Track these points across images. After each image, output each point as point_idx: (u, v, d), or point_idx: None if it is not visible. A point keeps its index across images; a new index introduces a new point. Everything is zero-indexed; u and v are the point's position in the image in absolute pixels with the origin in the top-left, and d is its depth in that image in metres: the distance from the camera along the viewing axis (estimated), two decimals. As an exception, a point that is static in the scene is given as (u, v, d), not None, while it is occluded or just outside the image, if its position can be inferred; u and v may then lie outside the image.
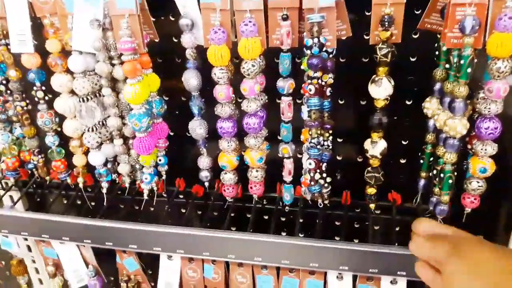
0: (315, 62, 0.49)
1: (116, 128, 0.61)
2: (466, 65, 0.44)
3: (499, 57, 0.44)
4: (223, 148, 0.57)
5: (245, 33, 0.49)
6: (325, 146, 0.57)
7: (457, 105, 0.47)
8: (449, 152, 0.50)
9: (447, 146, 0.49)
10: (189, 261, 0.68)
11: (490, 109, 0.47)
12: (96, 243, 0.68)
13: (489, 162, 0.50)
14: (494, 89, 0.45)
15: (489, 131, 0.47)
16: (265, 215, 0.81)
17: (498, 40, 0.43)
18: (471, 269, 0.37)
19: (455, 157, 0.50)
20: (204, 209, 0.80)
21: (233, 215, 0.82)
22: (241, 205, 0.73)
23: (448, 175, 0.51)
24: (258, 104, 0.53)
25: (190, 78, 0.55)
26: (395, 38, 0.46)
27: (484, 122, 0.47)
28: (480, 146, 0.49)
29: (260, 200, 0.73)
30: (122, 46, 0.53)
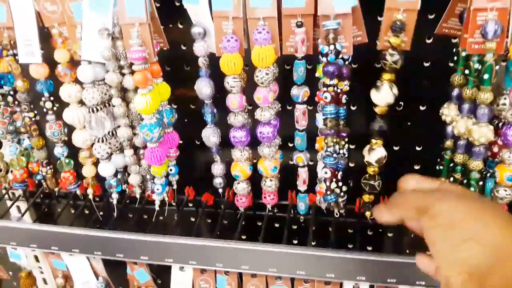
0: (332, 70, 0.48)
1: (127, 138, 0.60)
2: (488, 71, 0.43)
3: (522, 63, 0.43)
4: (236, 158, 0.56)
5: (259, 41, 0.48)
6: (340, 154, 0.56)
7: (482, 112, 0.46)
8: (477, 159, 0.48)
9: (473, 153, 0.48)
10: (201, 272, 0.66)
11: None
12: (106, 255, 0.67)
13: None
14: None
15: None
16: (276, 223, 0.79)
17: (520, 45, 0.42)
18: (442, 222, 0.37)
19: (481, 165, 0.49)
20: (215, 218, 0.79)
21: (243, 223, 0.82)
22: (252, 214, 0.72)
23: (474, 183, 0.50)
24: (272, 112, 0.52)
25: (203, 86, 0.54)
26: (405, 46, 0.45)
27: (510, 129, 0.46)
28: (507, 153, 0.48)
29: (272, 208, 0.72)
30: (132, 56, 0.52)
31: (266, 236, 0.79)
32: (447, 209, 0.37)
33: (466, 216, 0.36)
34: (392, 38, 0.46)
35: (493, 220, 0.36)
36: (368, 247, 0.79)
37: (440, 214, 0.37)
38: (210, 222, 0.84)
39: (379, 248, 0.67)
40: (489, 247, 0.34)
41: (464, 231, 0.35)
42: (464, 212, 0.36)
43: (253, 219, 0.75)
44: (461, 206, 0.37)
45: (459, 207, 0.37)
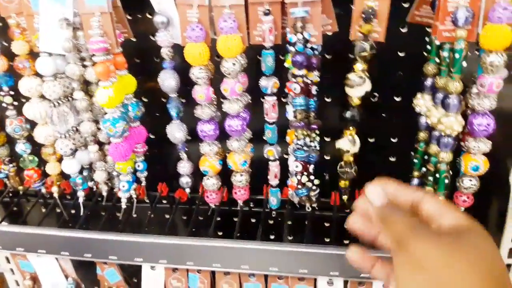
0: (300, 60, 0.46)
1: (90, 133, 0.58)
2: (459, 59, 0.42)
3: (492, 50, 0.41)
4: (205, 152, 0.54)
5: (225, 30, 0.46)
6: (312, 147, 0.54)
7: (451, 102, 0.44)
8: (444, 151, 0.47)
9: (441, 145, 0.47)
10: (173, 271, 0.64)
11: (484, 104, 0.44)
12: (74, 256, 0.64)
13: (482, 160, 0.48)
14: (487, 84, 0.43)
15: (482, 128, 0.45)
16: (253, 218, 0.78)
17: (491, 32, 0.41)
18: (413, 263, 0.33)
19: (450, 156, 0.47)
20: (190, 214, 0.77)
21: (219, 219, 0.80)
22: (227, 209, 0.70)
23: (444, 175, 0.49)
24: (241, 105, 0.50)
25: (166, 79, 0.52)
26: (379, 37, 0.43)
27: (476, 118, 0.45)
28: (473, 143, 0.47)
29: (247, 203, 0.71)
30: (93, 46, 0.49)
31: (242, 232, 0.78)
32: (422, 250, 0.33)
33: (440, 262, 0.32)
34: (363, 26, 0.44)
35: (465, 272, 0.32)
36: (345, 240, 0.78)
37: (413, 253, 0.34)
38: (185, 218, 0.82)
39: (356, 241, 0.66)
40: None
41: (432, 278, 0.32)
42: (438, 256, 0.33)
43: (229, 214, 0.73)
44: (437, 249, 0.33)
45: (435, 249, 0.33)
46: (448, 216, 0.36)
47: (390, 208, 0.38)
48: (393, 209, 0.38)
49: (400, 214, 0.37)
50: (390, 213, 0.38)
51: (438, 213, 0.37)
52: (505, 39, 0.40)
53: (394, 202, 0.39)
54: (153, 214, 0.81)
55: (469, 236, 0.34)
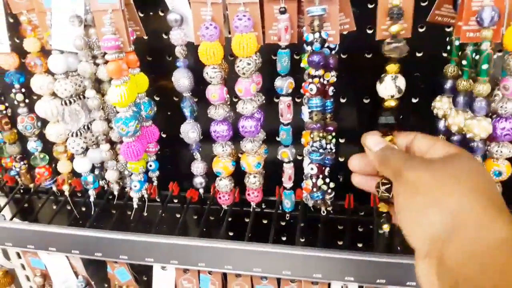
0: (317, 60, 0.45)
1: (102, 132, 0.57)
2: (486, 61, 0.40)
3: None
4: (218, 153, 0.53)
5: (239, 29, 0.45)
6: (327, 149, 0.53)
7: (479, 105, 0.43)
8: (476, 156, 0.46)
9: (472, 150, 0.45)
10: (184, 272, 0.64)
11: (507, 108, 0.43)
12: (84, 254, 0.64)
13: (505, 165, 0.46)
14: (511, 87, 0.41)
15: (505, 132, 0.44)
16: (264, 219, 0.77)
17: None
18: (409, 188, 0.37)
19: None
20: (201, 214, 0.76)
21: (230, 220, 0.79)
22: (239, 209, 0.69)
23: None
24: (255, 105, 0.49)
25: (180, 78, 0.51)
26: (405, 33, 0.42)
27: (500, 122, 0.44)
28: (495, 148, 0.45)
29: (259, 204, 0.70)
30: (105, 44, 0.48)
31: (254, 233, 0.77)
32: (414, 177, 0.37)
33: (430, 184, 0.36)
34: (393, 26, 0.42)
35: (455, 187, 0.35)
36: (358, 244, 0.77)
37: (407, 182, 0.37)
38: (196, 218, 0.81)
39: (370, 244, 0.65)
40: (447, 215, 0.34)
41: (426, 198, 0.36)
42: (428, 180, 0.36)
43: (240, 215, 0.72)
44: (427, 174, 0.37)
45: (425, 175, 0.37)
46: (437, 147, 0.40)
47: (386, 150, 0.42)
48: (389, 150, 0.42)
49: (396, 150, 0.42)
50: (389, 152, 0.42)
51: (429, 147, 0.41)
52: (531, 40, 0.39)
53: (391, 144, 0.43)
54: (164, 214, 0.80)
55: (457, 159, 0.37)
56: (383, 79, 0.44)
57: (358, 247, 0.59)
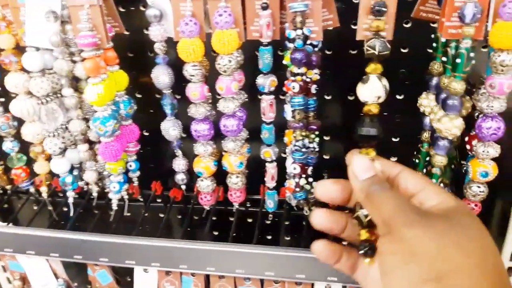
0: (299, 57, 0.44)
1: (80, 132, 0.55)
2: (465, 58, 0.39)
3: (503, 49, 0.39)
4: (199, 153, 0.52)
5: (220, 25, 0.44)
6: (311, 148, 0.52)
7: (451, 103, 0.42)
8: (438, 154, 0.45)
9: (436, 147, 0.44)
10: (166, 274, 0.62)
11: (493, 107, 0.42)
12: (64, 257, 0.62)
13: (491, 165, 0.45)
14: (497, 85, 0.41)
15: (491, 132, 0.43)
16: (249, 218, 0.76)
17: (502, 30, 0.38)
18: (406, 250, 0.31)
19: (445, 160, 0.45)
20: (185, 213, 0.75)
21: (215, 219, 0.78)
22: (223, 208, 0.68)
23: (439, 180, 0.46)
24: (236, 104, 0.48)
25: (160, 75, 0.50)
26: (387, 35, 0.40)
27: (486, 122, 0.43)
28: (481, 148, 0.44)
29: (244, 203, 0.69)
30: (81, 41, 0.47)
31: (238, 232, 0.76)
32: (413, 237, 0.31)
33: (433, 250, 0.30)
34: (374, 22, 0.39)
35: (465, 259, 0.30)
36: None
37: (401, 240, 0.31)
38: (180, 218, 0.80)
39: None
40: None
41: (426, 269, 0.30)
42: (429, 245, 0.30)
43: (225, 214, 0.71)
44: (427, 237, 0.31)
45: (426, 238, 0.31)
46: (429, 192, 0.35)
47: (377, 183, 0.35)
48: (381, 184, 0.35)
49: (389, 192, 0.34)
50: (378, 189, 0.34)
51: (418, 189, 0.35)
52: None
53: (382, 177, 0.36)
54: (148, 213, 0.79)
55: (458, 218, 0.32)
56: (367, 80, 0.40)
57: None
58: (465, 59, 0.39)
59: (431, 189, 0.35)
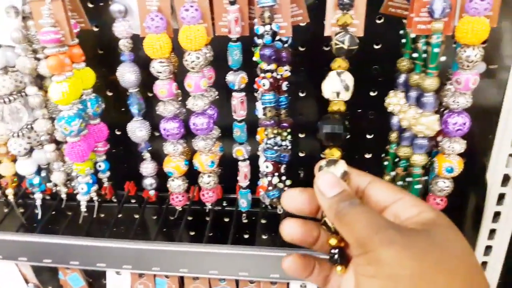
0: (268, 53, 0.43)
1: (46, 132, 0.53)
2: (437, 54, 0.39)
3: (469, 44, 0.39)
4: (169, 152, 0.51)
5: (186, 20, 0.43)
6: (283, 146, 0.51)
7: (426, 100, 0.41)
8: (418, 153, 0.45)
9: (415, 146, 0.44)
10: (139, 276, 0.61)
11: (459, 102, 0.42)
12: (33, 261, 0.60)
13: (457, 161, 0.45)
14: (463, 80, 0.41)
15: (457, 127, 0.43)
16: (226, 217, 0.75)
17: (468, 25, 0.38)
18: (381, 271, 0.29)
19: (425, 159, 0.45)
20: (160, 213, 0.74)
21: (191, 219, 0.77)
22: (199, 208, 0.67)
23: (417, 180, 0.46)
24: (206, 101, 0.47)
25: (125, 72, 0.48)
26: (358, 31, 0.39)
27: (452, 117, 0.43)
28: (447, 143, 0.44)
29: (220, 202, 0.68)
30: (43, 37, 0.45)
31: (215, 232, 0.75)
32: (391, 259, 0.29)
33: (411, 270, 0.28)
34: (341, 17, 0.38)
35: (449, 281, 0.28)
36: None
37: (381, 262, 0.29)
38: (155, 218, 0.78)
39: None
40: None
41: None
42: (409, 263, 0.28)
43: (201, 214, 0.70)
44: (407, 255, 0.28)
45: (406, 258, 0.28)
46: (406, 204, 0.32)
47: (346, 199, 0.32)
48: (351, 200, 0.32)
49: (360, 207, 0.32)
50: (348, 206, 0.32)
51: (392, 200, 0.33)
52: (482, 32, 0.38)
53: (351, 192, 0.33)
54: (122, 214, 0.77)
55: (439, 232, 0.30)
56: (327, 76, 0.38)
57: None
58: (437, 55, 0.39)
59: (407, 200, 0.33)
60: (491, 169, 0.58)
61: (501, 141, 0.56)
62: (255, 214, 0.68)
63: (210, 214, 0.62)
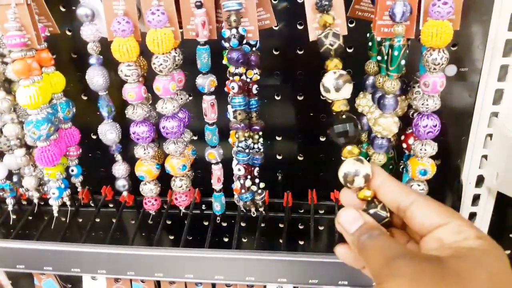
0: (235, 56, 0.43)
1: (15, 136, 0.53)
2: (397, 57, 0.39)
3: (434, 48, 0.39)
4: (139, 156, 0.50)
5: (153, 23, 0.42)
6: (255, 149, 0.51)
7: (387, 102, 0.42)
8: (378, 152, 0.45)
9: (375, 146, 0.44)
10: (115, 281, 0.61)
11: (428, 105, 0.42)
12: (5, 267, 0.59)
13: (430, 163, 0.45)
14: (431, 83, 0.41)
15: (428, 130, 0.43)
16: (205, 221, 0.75)
17: (433, 29, 0.38)
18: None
19: (384, 159, 0.45)
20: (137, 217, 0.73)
21: (170, 223, 0.76)
22: (178, 211, 0.67)
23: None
24: (176, 104, 0.47)
25: (94, 76, 0.48)
26: (341, 30, 0.39)
27: (422, 120, 0.43)
28: (419, 146, 0.44)
29: (199, 205, 0.67)
30: (9, 42, 0.44)
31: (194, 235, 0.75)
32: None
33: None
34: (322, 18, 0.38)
35: None
36: (300, 241, 0.76)
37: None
38: (134, 223, 0.78)
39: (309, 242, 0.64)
40: None
41: None
42: None
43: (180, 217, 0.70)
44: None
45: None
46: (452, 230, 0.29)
47: (366, 232, 0.32)
48: (370, 232, 0.32)
49: (377, 240, 0.31)
50: (367, 240, 0.31)
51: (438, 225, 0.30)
52: (446, 35, 0.38)
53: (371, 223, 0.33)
54: (100, 219, 0.77)
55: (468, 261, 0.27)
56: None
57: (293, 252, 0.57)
58: (398, 58, 0.39)
59: (455, 225, 0.30)
60: (465, 171, 0.58)
61: (474, 142, 0.56)
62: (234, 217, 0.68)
63: (187, 218, 0.62)
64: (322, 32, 0.37)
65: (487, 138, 0.55)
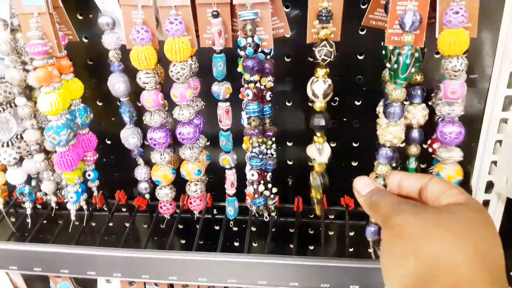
0: (251, 64, 0.44)
1: (35, 141, 0.54)
2: (406, 65, 0.40)
3: (452, 55, 0.40)
4: (156, 161, 0.51)
5: (171, 32, 0.44)
6: (268, 155, 0.52)
7: (393, 110, 0.42)
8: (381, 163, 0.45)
9: (379, 156, 0.45)
10: (129, 284, 0.62)
11: (454, 111, 0.43)
12: (23, 270, 0.60)
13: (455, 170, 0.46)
14: (449, 90, 0.42)
15: (454, 136, 0.44)
16: (216, 225, 0.76)
17: (449, 37, 0.39)
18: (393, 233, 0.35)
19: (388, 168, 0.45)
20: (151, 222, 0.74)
21: (181, 227, 0.77)
22: (190, 216, 0.68)
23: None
24: (192, 111, 0.48)
25: (116, 82, 0.49)
26: (334, 37, 0.41)
27: (447, 127, 0.43)
28: (445, 153, 0.45)
29: (211, 209, 0.68)
30: (32, 50, 0.46)
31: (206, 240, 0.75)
32: (399, 222, 0.35)
33: (414, 231, 0.34)
34: (321, 30, 0.42)
35: (442, 235, 0.33)
36: (310, 246, 0.77)
37: (391, 226, 0.36)
38: (146, 227, 0.79)
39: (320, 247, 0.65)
40: (424, 265, 0.32)
41: (405, 245, 0.34)
42: (413, 226, 0.34)
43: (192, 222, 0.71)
44: (413, 220, 0.35)
45: (411, 220, 0.35)
46: (448, 194, 0.37)
47: (377, 192, 0.41)
48: (381, 192, 0.41)
49: (387, 195, 0.40)
50: (377, 196, 0.40)
51: (441, 193, 0.38)
52: (463, 43, 0.39)
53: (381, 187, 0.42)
54: (113, 223, 0.78)
55: (459, 209, 0.35)
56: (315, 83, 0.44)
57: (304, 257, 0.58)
58: (407, 66, 0.40)
59: (452, 191, 0.38)
60: (475, 176, 0.59)
61: (484, 148, 0.57)
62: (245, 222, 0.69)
63: (199, 222, 0.63)
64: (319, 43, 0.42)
65: (496, 144, 0.55)
